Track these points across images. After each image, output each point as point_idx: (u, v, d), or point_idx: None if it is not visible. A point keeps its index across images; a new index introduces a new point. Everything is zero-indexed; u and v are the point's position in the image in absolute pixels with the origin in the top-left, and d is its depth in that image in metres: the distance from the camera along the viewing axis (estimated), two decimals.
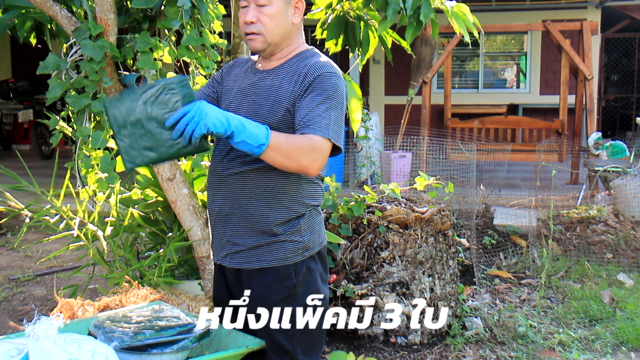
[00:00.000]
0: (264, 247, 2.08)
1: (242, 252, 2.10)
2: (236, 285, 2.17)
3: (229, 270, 2.18)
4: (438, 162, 6.57)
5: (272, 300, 2.08)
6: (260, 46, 2.09)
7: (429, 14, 3.08)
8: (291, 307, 2.08)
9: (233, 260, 2.13)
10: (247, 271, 2.11)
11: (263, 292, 2.08)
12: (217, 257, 2.20)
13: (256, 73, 2.16)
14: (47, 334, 1.62)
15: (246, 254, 2.10)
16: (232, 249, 2.12)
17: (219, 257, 2.18)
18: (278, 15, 2.06)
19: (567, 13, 10.43)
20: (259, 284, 2.09)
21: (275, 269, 2.08)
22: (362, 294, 3.54)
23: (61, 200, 3.17)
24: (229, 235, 2.12)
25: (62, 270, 5.02)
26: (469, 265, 4.74)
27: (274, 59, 2.14)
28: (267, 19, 2.05)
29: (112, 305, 2.32)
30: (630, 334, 3.66)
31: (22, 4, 3.00)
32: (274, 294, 2.08)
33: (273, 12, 2.05)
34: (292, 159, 1.92)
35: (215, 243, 2.20)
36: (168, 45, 2.92)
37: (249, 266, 2.10)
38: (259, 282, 2.09)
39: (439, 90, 10.54)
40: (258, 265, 2.08)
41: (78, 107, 2.80)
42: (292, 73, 2.08)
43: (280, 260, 2.07)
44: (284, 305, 2.08)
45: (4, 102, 11.13)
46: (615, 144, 6.97)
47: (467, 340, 3.63)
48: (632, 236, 5.07)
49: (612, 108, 12.69)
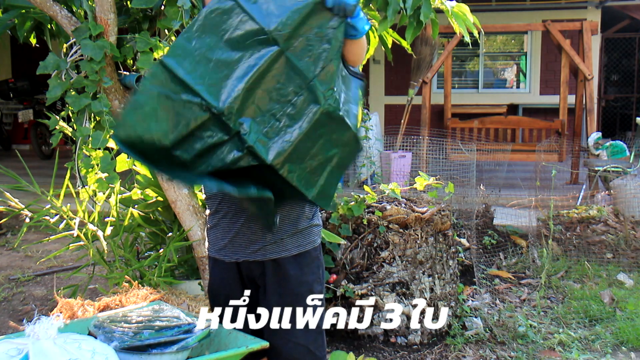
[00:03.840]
0: (299, 233, 2.17)
1: (279, 242, 2.14)
2: (260, 278, 2.20)
3: (251, 264, 2.18)
4: (438, 162, 6.57)
5: (307, 282, 2.18)
6: None
7: (429, 14, 3.08)
8: (320, 287, 2.22)
9: (267, 252, 2.15)
10: (282, 260, 2.15)
11: (299, 276, 2.16)
12: (240, 255, 2.19)
13: None
14: (47, 334, 1.62)
15: (284, 243, 2.15)
16: (267, 242, 2.14)
17: (246, 254, 2.17)
18: None
19: (567, 13, 10.43)
20: (295, 268, 2.17)
21: (309, 252, 2.20)
22: (362, 294, 3.54)
23: (61, 200, 3.17)
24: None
25: (62, 270, 5.02)
26: (469, 265, 4.74)
27: None
28: None
29: (112, 305, 2.32)
30: (630, 334, 3.66)
31: (22, 4, 3.00)
32: (309, 276, 2.19)
33: None
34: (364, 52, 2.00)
35: (238, 242, 2.19)
36: (168, 45, 2.92)
37: (286, 254, 2.16)
38: (295, 267, 2.17)
39: (439, 90, 10.54)
40: (296, 252, 2.17)
41: (78, 107, 2.81)
42: None
43: (312, 243, 2.21)
44: (315, 286, 2.19)
45: (4, 102, 11.13)
46: (615, 144, 6.97)
47: (467, 340, 3.63)
48: (632, 236, 5.07)
49: (612, 108, 12.69)
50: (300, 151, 1.78)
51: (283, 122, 1.76)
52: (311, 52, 1.77)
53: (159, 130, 1.72)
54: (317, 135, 1.79)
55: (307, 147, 1.79)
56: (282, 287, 2.16)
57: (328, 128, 1.81)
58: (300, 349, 2.16)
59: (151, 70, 1.71)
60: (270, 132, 1.75)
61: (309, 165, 1.81)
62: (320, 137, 1.80)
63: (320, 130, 1.80)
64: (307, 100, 1.77)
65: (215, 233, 2.25)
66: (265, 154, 1.74)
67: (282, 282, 2.16)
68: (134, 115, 1.73)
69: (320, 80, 1.78)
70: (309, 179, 1.83)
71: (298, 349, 2.16)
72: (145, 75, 1.72)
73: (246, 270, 2.21)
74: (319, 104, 1.77)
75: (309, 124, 1.77)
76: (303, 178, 1.81)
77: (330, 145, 1.83)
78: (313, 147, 1.80)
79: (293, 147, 1.76)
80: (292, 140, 1.76)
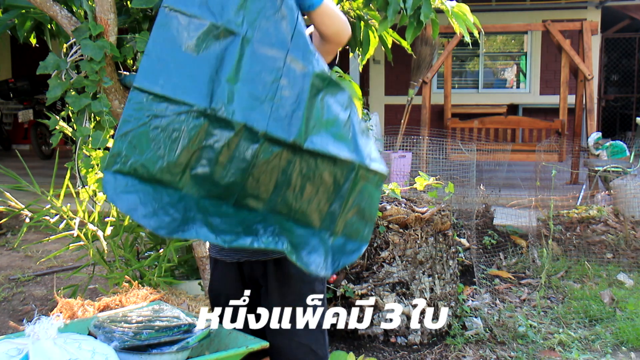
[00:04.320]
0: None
1: None
2: (262, 278, 2.19)
3: (253, 264, 2.18)
4: (438, 162, 6.57)
5: (309, 281, 2.17)
6: None
7: (429, 14, 3.08)
8: (321, 286, 2.21)
9: (269, 252, 2.14)
10: (284, 259, 2.14)
11: (300, 275, 2.14)
12: (242, 255, 2.19)
13: None
14: (47, 334, 1.62)
15: None
16: None
17: (248, 254, 2.17)
18: None
19: (567, 13, 10.43)
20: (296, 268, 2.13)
21: None
22: (362, 294, 3.54)
23: (61, 200, 3.17)
24: None
25: (62, 270, 5.02)
26: (469, 265, 4.74)
27: None
28: None
29: (112, 305, 2.32)
30: (630, 334, 3.66)
31: (22, 4, 3.00)
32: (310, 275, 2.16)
33: None
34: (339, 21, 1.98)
35: None
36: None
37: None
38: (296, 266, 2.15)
39: (439, 90, 10.54)
40: None
41: (78, 107, 2.80)
42: None
43: None
44: (317, 285, 2.18)
45: (4, 102, 11.13)
46: (615, 144, 6.97)
47: (467, 340, 3.63)
48: (632, 236, 5.07)
49: (612, 108, 12.69)
50: (315, 120, 1.78)
51: (283, 100, 1.76)
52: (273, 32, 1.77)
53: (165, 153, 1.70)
54: (320, 100, 1.79)
55: (318, 115, 1.78)
56: (284, 286, 2.16)
57: (326, 91, 1.81)
58: (303, 349, 2.16)
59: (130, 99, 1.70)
60: (276, 113, 1.74)
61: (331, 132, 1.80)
62: (324, 102, 1.80)
63: (320, 94, 1.80)
64: (294, 73, 1.77)
65: None
66: (286, 134, 1.73)
67: (284, 282, 2.16)
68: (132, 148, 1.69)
69: (295, 48, 1.77)
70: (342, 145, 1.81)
71: (300, 349, 2.16)
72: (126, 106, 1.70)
73: (248, 270, 2.21)
74: (308, 70, 1.77)
75: (308, 92, 1.77)
76: (332, 144, 1.79)
77: (339, 108, 1.83)
78: (325, 114, 1.80)
79: (306, 119, 1.76)
80: (302, 112, 1.75)
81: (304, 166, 1.78)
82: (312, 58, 1.79)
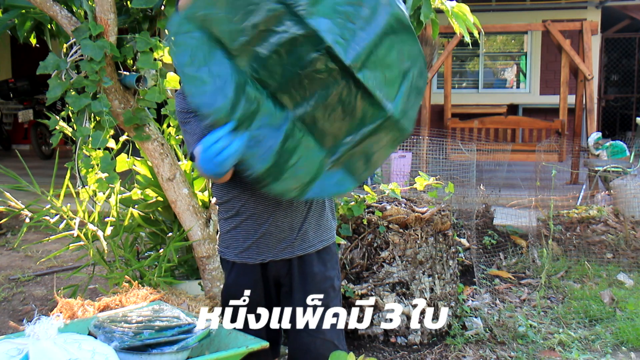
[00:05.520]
0: (323, 226, 2.21)
1: (304, 236, 2.17)
2: (285, 277, 2.21)
3: (277, 263, 2.19)
4: (438, 162, 6.56)
5: (330, 277, 2.22)
6: None
7: (429, 14, 3.08)
8: (339, 282, 2.27)
9: (295, 249, 2.17)
10: (307, 257, 2.18)
11: (322, 272, 2.20)
12: (266, 255, 2.19)
13: None
14: (47, 334, 1.62)
15: (309, 238, 2.17)
16: (294, 238, 2.16)
17: (273, 253, 2.18)
18: None
19: (567, 13, 10.43)
20: (319, 265, 2.20)
21: (330, 247, 2.24)
22: (362, 294, 3.54)
23: (61, 200, 3.17)
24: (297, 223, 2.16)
25: (62, 270, 5.02)
26: (469, 265, 4.74)
27: None
28: None
29: (112, 305, 2.32)
30: (630, 334, 3.66)
31: (22, 4, 3.00)
32: (331, 271, 2.23)
33: None
34: None
35: (265, 242, 2.18)
36: (168, 45, 2.92)
37: (312, 250, 2.19)
38: (319, 263, 2.20)
39: (439, 90, 10.54)
40: (320, 246, 2.21)
41: (78, 107, 2.80)
42: None
43: (332, 237, 2.27)
44: (336, 281, 2.23)
45: (4, 102, 11.13)
46: (615, 144, 6.97)
47: (467, 340, 3.63)
48: (632, 236, 5.07)
49: (612, 108, 12.69)
50: (376, 56, 1.79)
51: (357, 25, 1.77)
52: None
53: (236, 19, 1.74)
54: (390, 42, 1.81)
55: (381, 53, 1.80)
56: (308, 284, 2.18)
57: (399, 37, 1.82)
58: (328, 345, 2.18)
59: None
60: (347, 33, 1.76)
61: (385, 75, 1.82)
62: (392, 45, 1.82)
63: (392, 37, 1.81)
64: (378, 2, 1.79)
65: (234, 236, 2.21)
66: (344, 55, 1.75)
67: (307, 280, 2.18)
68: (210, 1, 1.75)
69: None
70: (387, 91, 1.83)
71: (326, 345, 2.18)
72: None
73: (273, 270, 2.21)
74: (390, 7, 1.80)
75: (382, 28, 1.79)
76: (379, 86, 1.81)
77: (404, 57, 1.85)
78: (388, 56, 1.82)
79: (369, 51, 1.77)
80: (368, 43, 1.77)
81: (345, 91, 1.81)
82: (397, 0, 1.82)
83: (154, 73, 2.91)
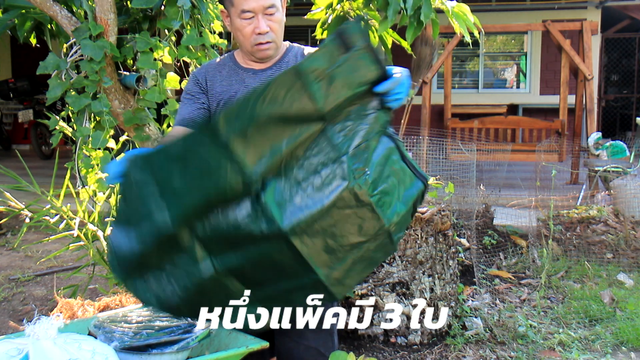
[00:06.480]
0: None
1: None
2: None
3: None
4: (438, 162, 6.56)
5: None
6: (272, 53, 2.12)
7: (430, 14, 3.08)
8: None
9: None
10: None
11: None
12: None
13: (256, 73, 2.16)
14: (47, 334, 1.62)
15: None
16: None
17: None
18: (282, 20, 2.10)
19: (567, 13, 10.43)
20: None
21: None
22: (362, 294, 3.54)
23: (61, 200, 3.17)
24: None
25: (62, 270, 5.01)
26: (469, 265, 4.74)
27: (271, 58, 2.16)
28: (277, 26, 2.09)
29: (112, 305, 2.32)
30: (630, 334, 3.66)
31: (22, 4, 3.00)
32: None
33: (280, 17, 2.09)
34: None
35: None
36: (168, 45, 2.92)
37: None
38: None
39: (439, 90, 10.54)
40: None
41: (78, 107, 2.81)
42: (292, 63, 2.12)
43: None
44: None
45: (4, 102, 11.13)
46: (615, 144, 6.97)
47: (467, 340, 3.63)
48: (632, 236, 5.07)
49: (612, 108, 12.69)
50: (319, 225, 1.65)
51: (307, 192, 1.64)
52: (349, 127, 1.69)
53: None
54: (341, 215, 1.67)
55: (327, 223, 1.66)
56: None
57: (355, 211, 1.68)
58: (311, 351, 2.16)
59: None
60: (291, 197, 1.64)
61: (326, 244, 1.67)
62: (346, 218, 1.67)
63: (345, 210, 1.67)
64: (336, 175, 1.66)
65: None
66: (280, 218, 1.61)
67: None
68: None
69: (352, 157, 1.67)
70: (324, 258, 1.68)
71: (309, 352, 2.16)
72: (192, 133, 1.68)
73: None
74: (347, 181, 1.65)
75: (333, 200, 1.64)
76: (315, 254, 1.67)
77: (358, 232, 1.70)
78: (335, 227, 1.67)
79: (311, 219, 1.63)
80: (312, 211, 1.63)
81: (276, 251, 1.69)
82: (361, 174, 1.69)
83: (154, 73, 2.91)
